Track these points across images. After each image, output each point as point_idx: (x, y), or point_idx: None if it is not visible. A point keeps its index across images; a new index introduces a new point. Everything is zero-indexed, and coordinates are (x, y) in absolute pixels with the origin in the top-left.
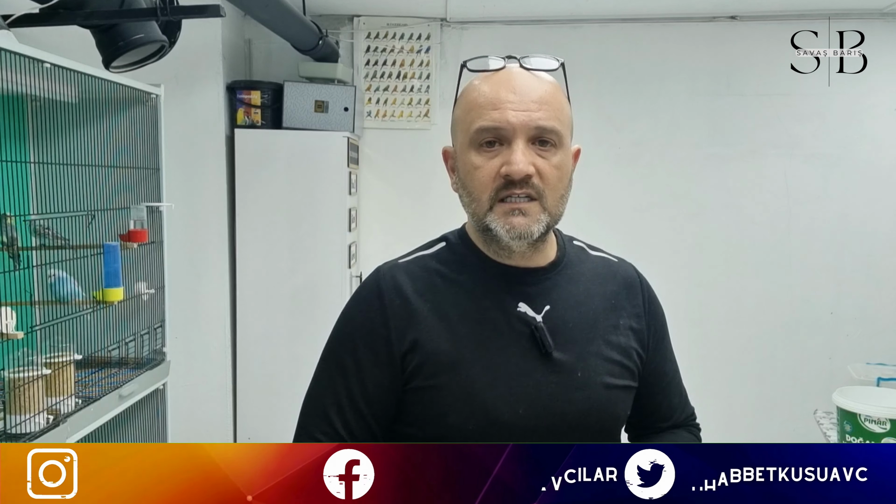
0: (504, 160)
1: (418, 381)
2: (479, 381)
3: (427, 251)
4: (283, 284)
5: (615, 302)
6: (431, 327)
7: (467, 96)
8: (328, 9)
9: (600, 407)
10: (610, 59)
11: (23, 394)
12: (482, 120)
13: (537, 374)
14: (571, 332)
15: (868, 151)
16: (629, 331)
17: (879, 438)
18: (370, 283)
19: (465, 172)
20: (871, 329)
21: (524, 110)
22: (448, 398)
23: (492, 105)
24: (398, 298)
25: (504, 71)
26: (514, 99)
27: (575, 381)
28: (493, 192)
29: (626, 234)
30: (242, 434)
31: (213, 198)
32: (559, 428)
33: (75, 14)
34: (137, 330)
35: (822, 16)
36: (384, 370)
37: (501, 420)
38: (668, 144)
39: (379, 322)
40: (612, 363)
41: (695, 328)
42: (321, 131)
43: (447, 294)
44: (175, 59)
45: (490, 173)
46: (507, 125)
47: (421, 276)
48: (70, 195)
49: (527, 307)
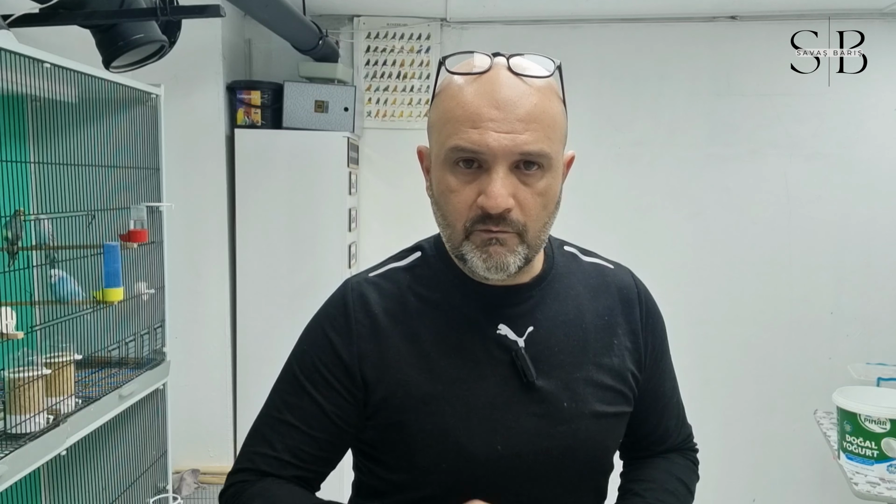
0: (481, 188)
1: (383, 417)
2: (450, 415)
3: (400, 263)
4: (283, 284)
5: (609, 318)
6: (400, 353)
7: (446, 101)
8: (328, 9)
9: (589, 439)
10: (610, 59)
11: (23, 394)
12: (459, 138)
13: (518, 406)
14: (557, 356)
15: (868, 151)
16: (624, 351)
17: (879, 438)
18: (337, 298)
19: (439, 191)
20: (871, 329)
21: (507, 132)
22: (417, 435)
23: (471, 122)
24: (366, 318)
25: (490, 74)
26: (496, 116)
27: (561, 413)
28: (469, 223)
29: (625, 235)
30: (242, 434)
31: (213, 198)
32: (542, 465)
33: (75, 14)
34: (137, 330)
35: (822, 16)
36: (346, 394)
37: (477, 458)
38: (668, 144)
39: (341, 343)
40: (603, 389)
41: (695, 328)
42: (321, 131)
43: (419, 315)
44: (175, 59)
45: (466, 201)
46: (486, 149)
47: (391, 293)
48: (70, 195)
49: (507, 329)
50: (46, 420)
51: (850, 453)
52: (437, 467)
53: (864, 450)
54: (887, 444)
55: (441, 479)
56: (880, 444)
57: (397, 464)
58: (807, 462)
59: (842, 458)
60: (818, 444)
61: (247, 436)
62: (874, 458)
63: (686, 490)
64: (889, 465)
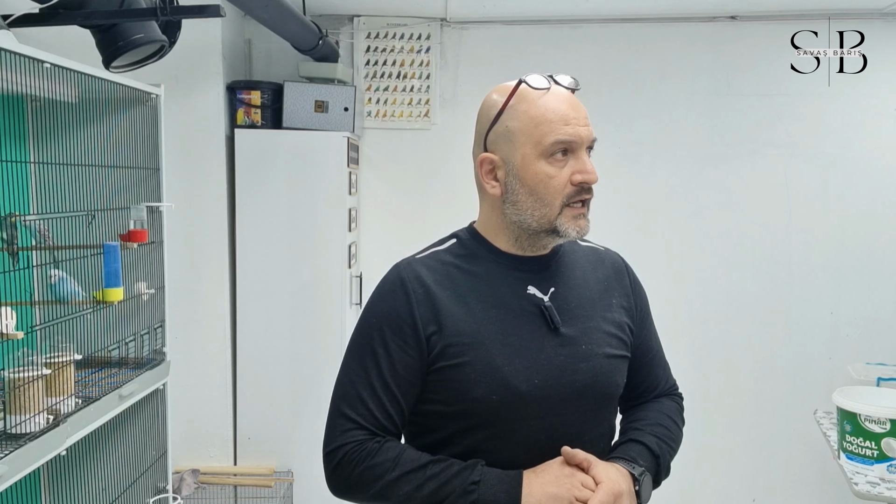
0: (573, 169)
1: (444, 361)
2: (498, 356)
3: (440, 247)
4: (283, 284)
5: (607, 284)
6: (453, 312)
7: (530, 111)
8: (328, 9)
9: (604, 375)
10: (610, 59)
11: (23, 394)
12: (558, 134)
13: (548, 349)
14: (574, 310)
15: (868, 151)
16: (621, 308)
17: (879, 438)
18: (392, 277)
19: (535, 181)
20: (871, 329)
21: (584, 125)
22: (472, 374)
23: (563, 121)
24: (420, 288)
25: (554, 88)
26: (576, 115)
27: (581, 353)
28: (565, 198)
29: (625, 234)
30: (242, 434)
31: (213, 198)
32: (569, 395)
33: (75, 14)
34: (137, 330)
35: (822, 16)
36: (412, 353)
37: (520, 391)
38: (668, 144)
39: (405, 310)
40: (610, 336)
41: (695, 328)
42: (321, 131)
43: (464, 282)
44: (175, 59)
45: (563, 181)
46: (578, 139)
47: (438, 269)
48: (70, 195)
49: (535, 290)
50: (46, 420)
51: (850, 453)
52: (488, 398)
53: (864, 450)
54: (887, 444)
55: (491, 408)
56: (880, 444)
57: (455, 398)
58: (807, 462)
59: (842, 458)
60: (818, 444)
61: (331, 409)
62: (874, 458)
63: (675, 425)
64: (889, 465)
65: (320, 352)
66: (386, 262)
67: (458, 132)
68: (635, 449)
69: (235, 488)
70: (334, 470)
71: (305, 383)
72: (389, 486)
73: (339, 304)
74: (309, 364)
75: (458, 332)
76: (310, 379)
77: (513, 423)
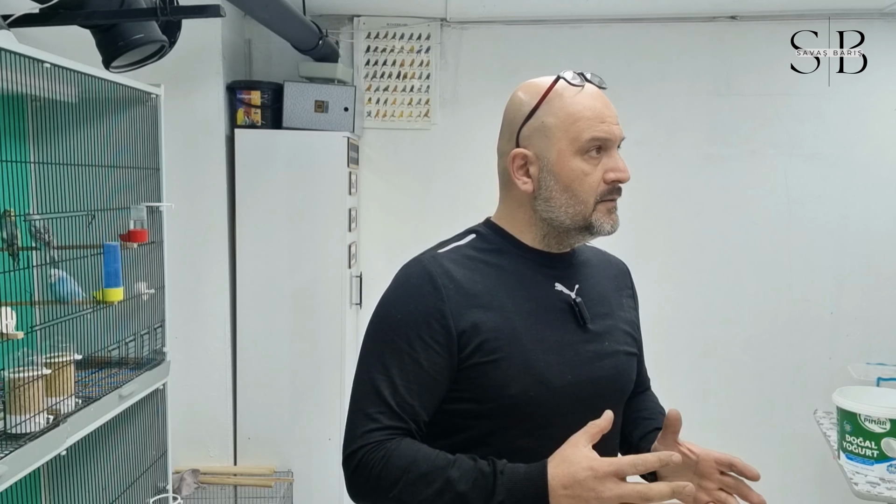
0: (607, 167)
1: (478, 358)
2: (531, 352)
3: (460, 242)
4: (283, 284)
5: (617, 283)
6: (487, 306)
7: (567, 108)
8: (328, 9)
9: (624, 371)
10: (610, 59)
11: (23, 394)
12: (594, 131)
13: (578, 345)
14: (597, 307)
15: (868, 151)
16: (629, 308)
17: (879, 438)
18: (418, 271)
19: (571, 177)
20: (871, 329)
21: (616, 123)
22: (509, 370)
23: (599, 118)
24: (451, 283)
25: (587, 86)
26: (610, 114)
27: (605, 350)
28: (599, 196)
29: (625, 234)
30: (242, 434)
31: (213, 198)
32: (595, 391)
33: (75, 14)
34: (137, 330)
35: (822, 16)
36: (441, 351)
37: (554, 386)
38: (668, 144)
39: (434, 306)
40: (625, 334)
41: (695, 328)
42: (321, 131)
43: (494, 276)
44: (175, 59)
45: (597, 178)
46: (612, 136)
47: (465, 263)
48: (70, 195)
49: (562, 286)
50: (46, 420)
51: (850, 453)
52: (525, 395)
53: (864, 450)
54: (887, 444)
55: (527, 405)
56: (880, 444)
57: (489, 395)
58: (807, 462)
59: (842, 458)
60: (818, 444)
61: (350, 410)
62: (874, 458)
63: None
64: (889, 465)
65: (320, 352)
66: (386, 262)
67: (458, 132)
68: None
69: (235, 488)
70: (353, 473)
71: (305, 383)
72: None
73: (339, 304)
74: (309, 364)
75: (494, 327)
76: (310, 379)
77: (545, 420)
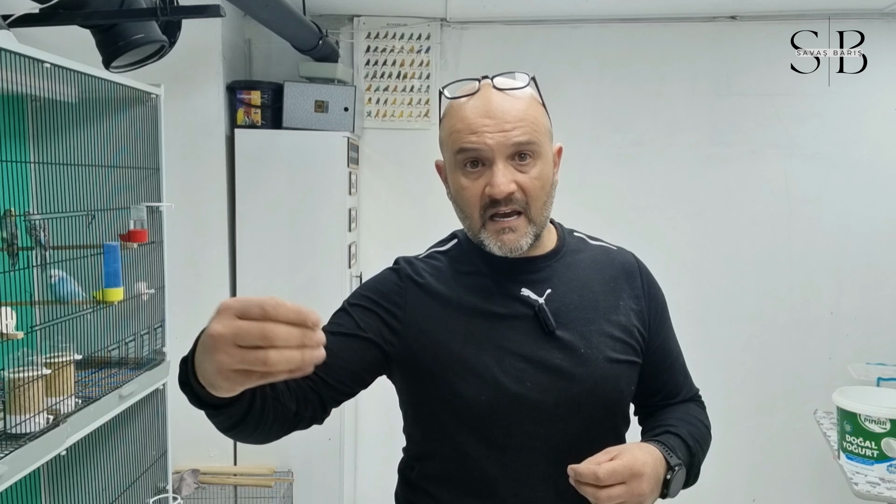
0: (487, 181)
1: (428, 363)
2: (488, 355)
3: (441, 248)
4: (283, 284)
5: (614, 285)
6: (444, 311)
7: (449, 120)
8: (328, 9)
9: (605, 381)
10: (610, 59)
11: (23, 394)
12: (462, 143)
13: (542, 352)
14: (573, 312)
15: (868, 151)
16: (629, 311)
17: (879, 438)
18: (390, 267)
19: (455, 192)
20: (871, 329)
21: (500, 131)
22: (461, 373)
23: (470, 130)
24: (417, 278)
25: (481, 93)
26: (489, 123)
27: (579, 358)
28: (482, 211)
29: (625, 234)
30: None
31: (213, 198)
32: (567, 402)
33: (75, 14)
34: (137, 330)
35: (822, 16)
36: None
37: (510, 391)
38: (668, 144)
39: (394, 291)
40: (613, 339)
41: (695, 328)
42: (321, 131)
43: (457, 282)
44: (175, 59)
45: (476, 193)
46: (485, 147)
47: (436, 267)
48: (70, 195)
49: (529, 292)
50: (46, 420)
51: (850, 453)
52: (478, 398)
53: (864, 450)
54: (887, 444)
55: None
56: (880, 444)
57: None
58: (807, 462)
59: (842, 458)
60: (818, 444)
61: None
62: (874, 458)
63: (706, 429)
64: (889, 465)
65: None
66: (386, 262)
67: None
68: (673, 440)
69: (235, 488)
70: None
71: None
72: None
73: (338, 304)
74: None
75: (448, 329)
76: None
77: (505, 429)
